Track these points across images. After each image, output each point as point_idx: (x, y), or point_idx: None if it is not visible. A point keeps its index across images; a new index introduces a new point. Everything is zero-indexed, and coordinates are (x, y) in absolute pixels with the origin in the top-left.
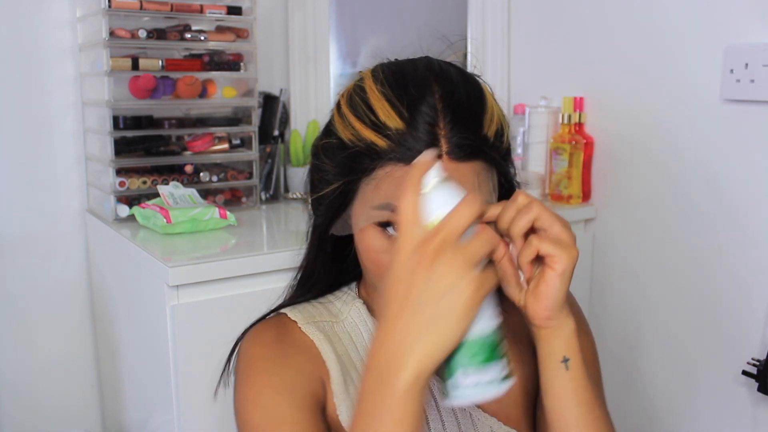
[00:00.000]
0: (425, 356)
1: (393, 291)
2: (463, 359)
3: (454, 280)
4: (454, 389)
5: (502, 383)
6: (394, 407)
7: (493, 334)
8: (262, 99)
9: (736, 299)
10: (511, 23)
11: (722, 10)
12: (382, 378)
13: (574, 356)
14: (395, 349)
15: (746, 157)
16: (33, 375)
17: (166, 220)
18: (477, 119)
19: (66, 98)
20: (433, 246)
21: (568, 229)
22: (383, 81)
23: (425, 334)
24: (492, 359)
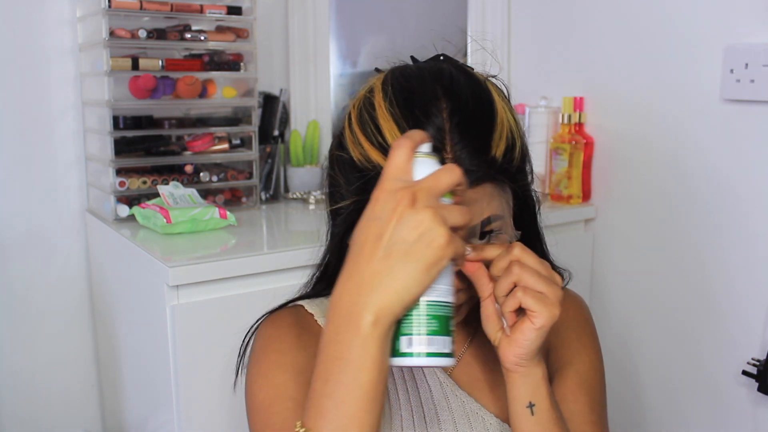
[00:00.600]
0: (388, 300)
1: (367, 230)
2: (414, 322)
3: (430, 227)
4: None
5: (443, 358)
6: (355, 353)
7: (448, 309)
8: (262, 99)
9: (736, 299)
10: (511, 23)
11: (722, 10)
12: (345, 321)
13: (540, 402)
14: (360, 289)
15: (746, 157)
16: (33, 375)
17: (166, 220)
18: (484, 141)
19: (66, 98)
20: (415, 190)
21: (554, 286)
22: (391, 98)
23: (391, 277)
24: (440, 332)
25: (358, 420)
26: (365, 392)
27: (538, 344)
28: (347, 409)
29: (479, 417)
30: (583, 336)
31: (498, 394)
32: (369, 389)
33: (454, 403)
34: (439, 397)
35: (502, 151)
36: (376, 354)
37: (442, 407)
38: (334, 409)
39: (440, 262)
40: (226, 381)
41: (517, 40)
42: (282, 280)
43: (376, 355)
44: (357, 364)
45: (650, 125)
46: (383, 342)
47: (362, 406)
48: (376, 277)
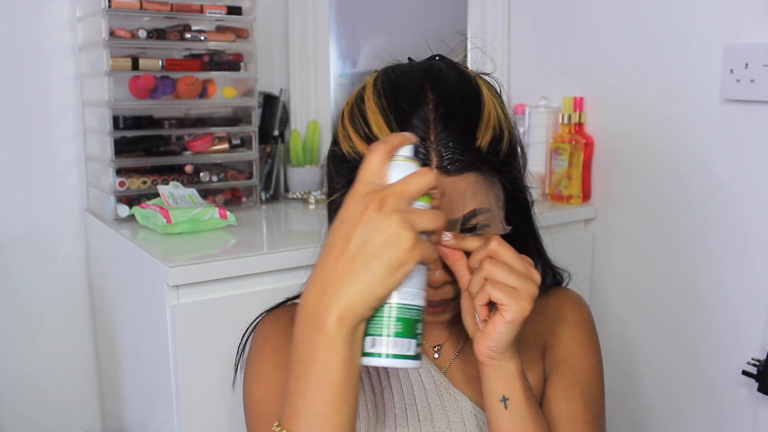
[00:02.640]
0: (353, 300)
1: (335, 233)
2: (380, 324)
3: (397, 230)
4: (368, 349)
5: (409, 360)
6: (320, 352)
7: (415, 311)
8: (262, 99)
9: (736, 299)
10: (511, 23)
11: (722, 10)
12: (311, 322)
13: (514, 396)
14: (327, 290)
15: (746, 157)
16: (33, 375)
17: (166, 220)
18: (469, 131)
19: (66, 98)
20: (384, 194)
21: (527, 281)
22: (380, 91)
23: (356, 278)
24: (406, 334)
25: (330, 418)
26: (334, 391)
27: (510, 338)
28: (317, 407)
29: (472, 415)
30: (580, 334)
31: None
32: (337, 388)
33: (447, 401)
34: (433, 396)
35: (488, 141)
36: (343, 353)
37: (436, 405)
38: (305, 408)
39: (405, 266)
40: (226, 381)
41: (517, 40)
42: (282, 280)
43: (343, 354)
44: (324, 363)
45: (650, 125)
46: (349, 342)
47: (332, 405)
48: (341, 279)
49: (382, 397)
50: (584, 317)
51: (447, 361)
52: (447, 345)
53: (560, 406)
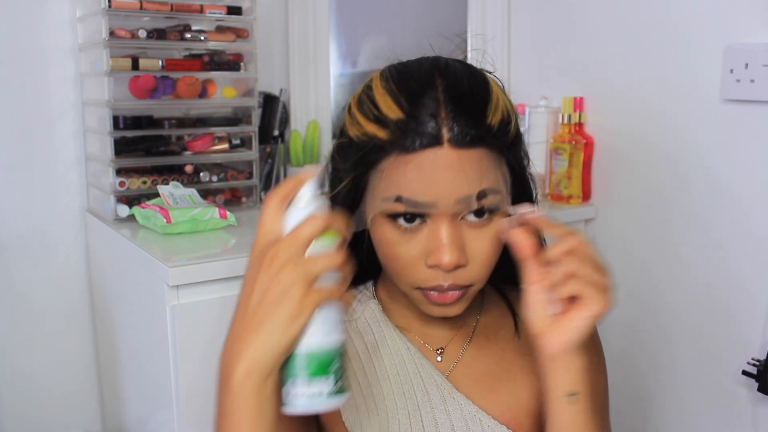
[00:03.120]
0: (255, 355)
1: (241, 291)
2: (293, 369)
3: (287, 286)
4: (286, 396)
5: (330, 398)
6: (232, 406)
7: (326, 350)
8: (262, 99)
9: (736, 299)
10: (511, 23)
11: (722, 10)
12: (223, 378)
13: (582, 391)
14: (233, 346)
15: (746, 157)
16: (33, 375)
17: (166, 220)
18: (480, 108)
19: (66, 98)
20: (273, 252)
21: (608, 277)
22: (388, 77)
23: (256, 334)
24: (321, 373)
25: None
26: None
27: (586, 333)
28: None
29: (477, 419)
30: (594, 353)
31: (496, 396)
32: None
33: (451, 406)
34: (437, 401)
35: (498, 120)
36: (252, 405)
37: (440, 410)
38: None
39: (299, 317)
40: None
41: (517, 40)
42: None
43: (252, 406)
44: (236, 416)
45: (650, 125)
46: (257, 394)
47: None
48: (244, 335)
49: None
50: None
51: (450, 365)
52: (450, 348)
53: None
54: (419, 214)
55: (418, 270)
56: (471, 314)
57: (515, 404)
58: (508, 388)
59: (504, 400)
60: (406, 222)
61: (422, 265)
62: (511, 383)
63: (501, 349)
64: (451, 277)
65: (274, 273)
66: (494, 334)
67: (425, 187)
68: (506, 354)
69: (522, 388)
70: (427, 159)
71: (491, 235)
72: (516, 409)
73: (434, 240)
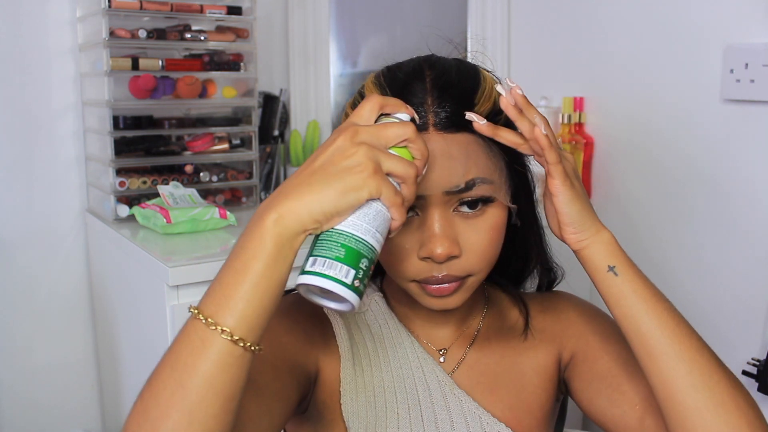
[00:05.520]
0: (297, 205)
1: (312, 155)
2: (323, 247)
3: (358, 160)
4: (304, 269)
5: (344, 288)
6: (252, 243)
7: (361, 244)
8: (262, 99)
9: (736, 299)
10: (511, 23)
11: (722, 10)
12: (256, 218)
13: (619, 262)
14: (278, 196)
15: (746, 157)
16: (33, 375)
17: (166, 220)
18: (467, 95)
19: (66, 98)
20: (358, 128)
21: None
22: (380, 75)
23: (308, 189)
24: (347, 262)
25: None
26: (250, 280)
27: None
28: (230, 291)
29: (476, 416)
30: (592, 323)
31: (497, 396)
32: (254, 278)
33: (452, 402)
34: (437, 396)
35: (487, 110)
36: (270, 247)
37: (440, 406)
38: (219, 290)
39: (359, 192)
40: None
41: (517, 40)
42: None
43: (269, 249)
44: (251, 252)
45: (650, 125)
46: (279, 240)
47: (243, 293)
48: (295, 188)
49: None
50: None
51: (453, 366)
52: (453, 350)
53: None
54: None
55: (411, 262)
56: (475, 315)
57: (516, 404)
58: (510, 388)
59: (505, 399)
60: None
61: (415, 257)
62: (512, 383)
63: (503, 349)
64: (444, 267)
65: (349, 145)
66: (496, 334)
67: None
68: (508, 354)
69: (523, 388)
70: None
71: (487, 227)
72: (517, 409)
73: (426, 231)
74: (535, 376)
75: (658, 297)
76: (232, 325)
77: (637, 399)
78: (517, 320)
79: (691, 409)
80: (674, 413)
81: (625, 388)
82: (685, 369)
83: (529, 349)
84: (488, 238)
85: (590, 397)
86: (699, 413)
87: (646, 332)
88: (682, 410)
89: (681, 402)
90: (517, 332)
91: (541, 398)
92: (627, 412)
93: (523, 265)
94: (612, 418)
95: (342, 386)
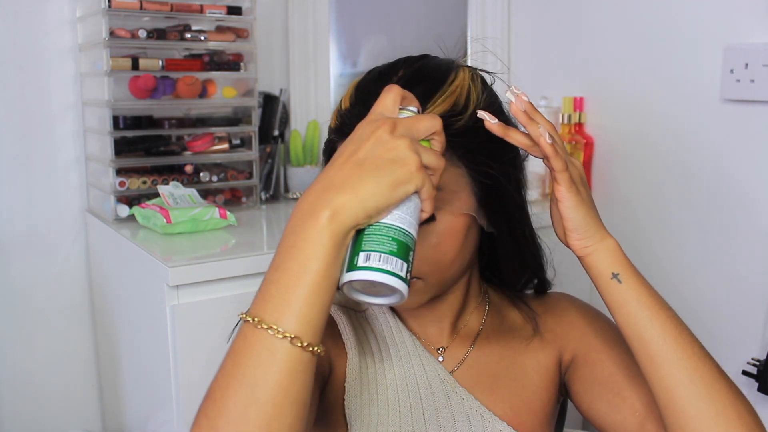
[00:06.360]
0: (351, 201)
1: (345, 146)
2: (374, 240)
3: (405, 152)
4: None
5: (399, 280)
6: (308, 242)
7: (409, 237)
8: (262, 99)
9: (736, 299)
10: (511, 23)
11: (722, 10)
12: (305, 214)
13: (623, 269)
14: (326, 189)
15: (746, 156)
16: (33, 375)
17: (166, 220)
18: (425, 95)
19: (66, 98)
20: (395, 121)
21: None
22: (364, 75)
23: (359, 182)
24: (399, 255)
25: (299, 309)
26: (311, 281)
27: (581, 212)
28: (290, 296)
29: (478, 415)
30: (594, 326)
31: (498, 395)
32: (315, 279)
33: (454, 401)
34: (440, 395)
35: (443, 111)
36: (329, 246)
37: (442, 404)
38: (277, 294)
39: (407, 184)
40: None
41: (517, 40)
42: None
43: (328, 247)
44: (308, 252)
45: (650, 125)
46: (337, 238)
47: (305, 296)
48: (345, 181)
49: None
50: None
51: (454, 365)
52: (453, 350)
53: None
54: None
55: None
56: (474, 315)
57: (518, 404)
58: (511, 388)
59: (506, 399)
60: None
61: None
62: (514, 383)
63: (504, 349)
64: None
65: (391, 138)
66: (497, 334)
67: None
68: (509, 354)
69: (525, 388)
70: None
71: (435, 232)
72: (519, 408)
73: None
74: (536, 376)
75: (662, 305)
76: (298, 330)
77: (637, 404)
78: (518, 321)
79: (693, 416)
80: (676, 420)
81: (626, 394)
82: (687, 377)
83: (531, 350)
84: (435, 243)
85: (590, 401)
86: (701, 421)
87: (648, 340)
88: (683, 418)
89: (683, 409)
90: (519, 332)
91: (543, 398)
92: (627, 417)
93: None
94: (612, 423)
95: (347, 381)
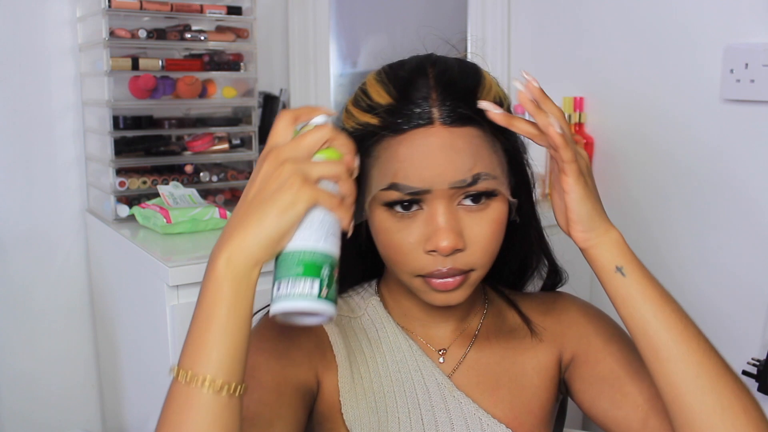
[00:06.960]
0: (244, 242)
1: (244, 190)
2: (282, 268)
3: (287, 179)
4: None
5: (315, 300)
6: (210, 293)
7: (316, 253)
8: (262, 99)
9: (736, 299)
10: (511, 23)
11: (722, 10)
12: (209, 266)
13: (627, 262)
14: (223, 237)
15: (746, 157)
16: (33, 375)
17: (166, 220)
18: (470, 90)
19: (66, 98)
20: (278, 150)
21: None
22: (381, 72)
23: (249, 221)
24: (309, 274)
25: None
26: (218, 325)
27: (586, 205)
28: (201, 342)
29: (477, 418)
30: (594, 324)
31: (498, 396)
32: (222, 323)
33: (451, 405)
34: (437, 399)
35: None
36: (228, 291)
37: (440, 409)
38: (191, 342)
39: (295, 206)
40: None
41: (517, 40)
42: None
43: (228, 292)
44: (209, 299)
45: (650, 125)
46: (236, 280)
47: (216, 339)
48: (237, 224)
49: (384, 402)
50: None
51: (453, 366)
52: (452, 350)
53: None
54: (415, 200)
55: (416, 257)
56: (474, 315)
57: (517, 404)
58: (510, 388)
59: (506, 400)
60: (403, 209)
61: (421, 251)
62: (513, 383)
63: (503, 349)
64: (450, 261)
65: (274, 167)
66: (496, 335)
67: (419, 170)
68: (508, 354)
69: (524, 388)
70: (418, 140)
71: (490, 220)
72: (518, 409)
73: (431, 225)
74: (535, 376)
75: (666, 298)
76: (212, 372)
77: (640, 400)
78: (518, 321)
79: (699, 411)
80: (681, 415)
81: (627, 390)
82: (692, 372)
83: (530, 349)
84: (491, 232)
85: (592, 399)
86: (706, 415)
87: (653, 334)
88: (689, 412)
89: (688, 404)
90: (517, 333)
91: (542, 398)
92: (630, 413)
93: (523, 265)
94: (615, 419)
95: (341, 395)
